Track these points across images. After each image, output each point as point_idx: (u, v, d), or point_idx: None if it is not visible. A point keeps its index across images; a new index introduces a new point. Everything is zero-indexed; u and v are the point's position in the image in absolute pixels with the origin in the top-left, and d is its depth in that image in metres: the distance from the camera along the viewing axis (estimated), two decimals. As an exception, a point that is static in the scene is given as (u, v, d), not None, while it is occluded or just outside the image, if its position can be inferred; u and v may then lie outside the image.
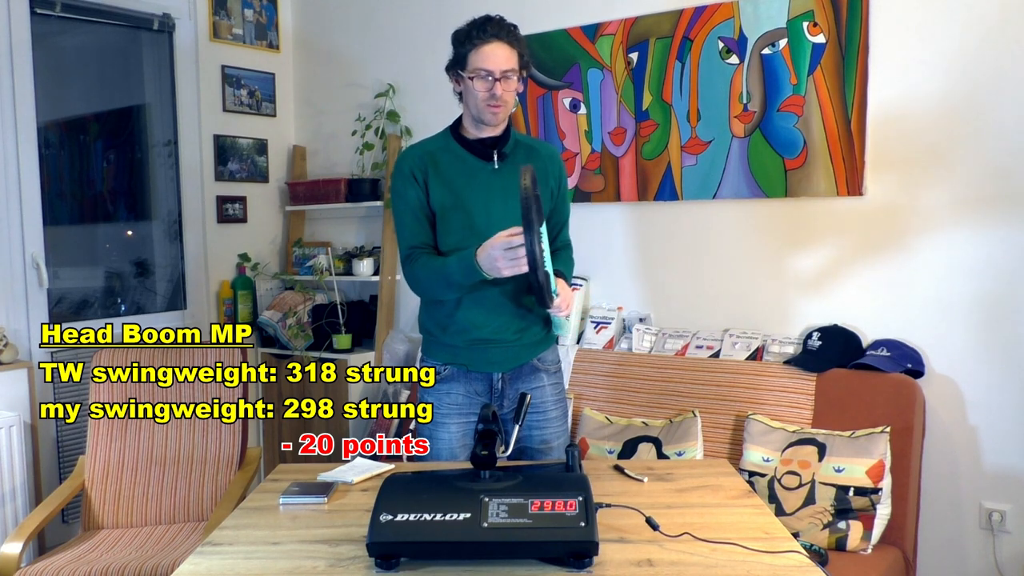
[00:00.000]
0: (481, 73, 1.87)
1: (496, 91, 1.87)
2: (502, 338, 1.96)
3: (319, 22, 3.95)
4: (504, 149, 1.97)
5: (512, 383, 2.01)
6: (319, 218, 4.01)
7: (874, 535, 2.23)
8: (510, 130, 2.00)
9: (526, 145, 2.04)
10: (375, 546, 1.31)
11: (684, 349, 2.84)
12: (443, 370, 2.00)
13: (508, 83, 1.89)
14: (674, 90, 2.90)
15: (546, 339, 2.06)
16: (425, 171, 1.94)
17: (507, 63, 1.88)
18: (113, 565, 2.17)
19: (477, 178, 1.95)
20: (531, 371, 2.03)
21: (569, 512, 1.31)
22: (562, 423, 2.09)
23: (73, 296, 3.37)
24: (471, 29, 1.89)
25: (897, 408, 2.38)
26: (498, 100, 1.88)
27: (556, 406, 2.07)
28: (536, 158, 2.02)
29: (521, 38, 1.93)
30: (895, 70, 2.52)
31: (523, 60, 1.93)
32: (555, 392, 2.07)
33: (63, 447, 3.15)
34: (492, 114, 1.90)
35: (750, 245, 2.82)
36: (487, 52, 1.87)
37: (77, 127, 3.40)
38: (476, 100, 1.89)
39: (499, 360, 1.98)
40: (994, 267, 2.42)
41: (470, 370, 1.99)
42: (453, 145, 1.98)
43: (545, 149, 2.07)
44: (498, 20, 1.90)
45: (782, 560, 1.33)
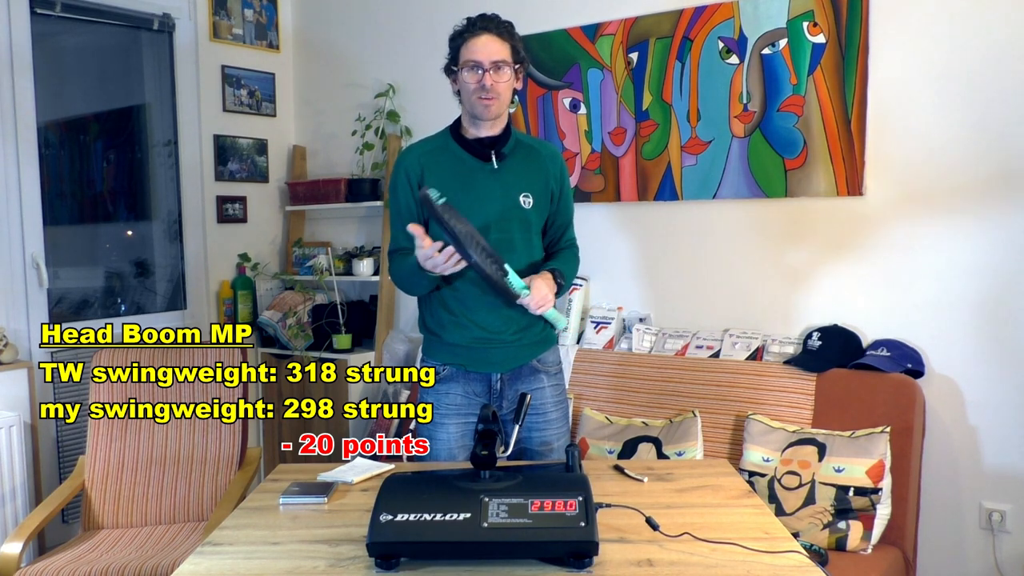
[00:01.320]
0: (470, 63, 1.88)
1: (486, 82, 1.87)
2: (502, 338, 1.96)
3: (319, 22, 3.95)
4: (504, 149, 1.97)
5: (511, 384, 2.00)
6: (319, 218, 4.01)
7: (874, 535, 2.23)
8: (510, 129, 2.00)
9: (526, 145, 2.03)
10: (375, 546, 1.31)
11: (684, 349, 2.84)
12: (442, 370, 2.00)
13: (499, 74, 1.89)
14: (674, 90, 2.90)
15: (546, 340, 2.06)
16: (420, 173, 1.94)
17: (497, 54, 1.88)
18: (113, 565, 2.17)
19: (475, 178, 1.95)
20: (531, 372, 2.02)
21: (569, 512, 1.31)
22: (563, 424, 2.08)
23: (73, 296, 3.37)
24: (463, 26, 1.92)
25: (897, 408, 2.38)
26: (488, 92, 1.87)
27: (556, 407, 2.06)
28: (536, 158, 2.01)
29: (514, 33, 1.94)
30: (895, 70, 2.52)
31: (517, 54, 1.93)
32: (555, 393, 2.06)
33: (63, 447, 3.15)
34: (484, 107, 1.90)
35: (750, 245, 2.83)
36: (477, 44, 1.88)
37: (77, 127, 3.40)
38: (468, 93, 1.90)
39: (498, 360, 1.98)
40: (994, 267, 2.42)
41: (469, 370, 1.99)
42: (452, 144, 1.98)
43: (546, 149, 2.07)
44: (490, 15, 1.91)
45: (782, 560, 1.33)
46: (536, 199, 1.99)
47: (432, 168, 1.95)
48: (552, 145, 2.19)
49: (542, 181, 2.00)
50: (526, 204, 1.97)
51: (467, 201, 1.92)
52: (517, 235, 1.96)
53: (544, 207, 2.02)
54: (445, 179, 1.93)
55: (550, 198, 2.03)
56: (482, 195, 1.93)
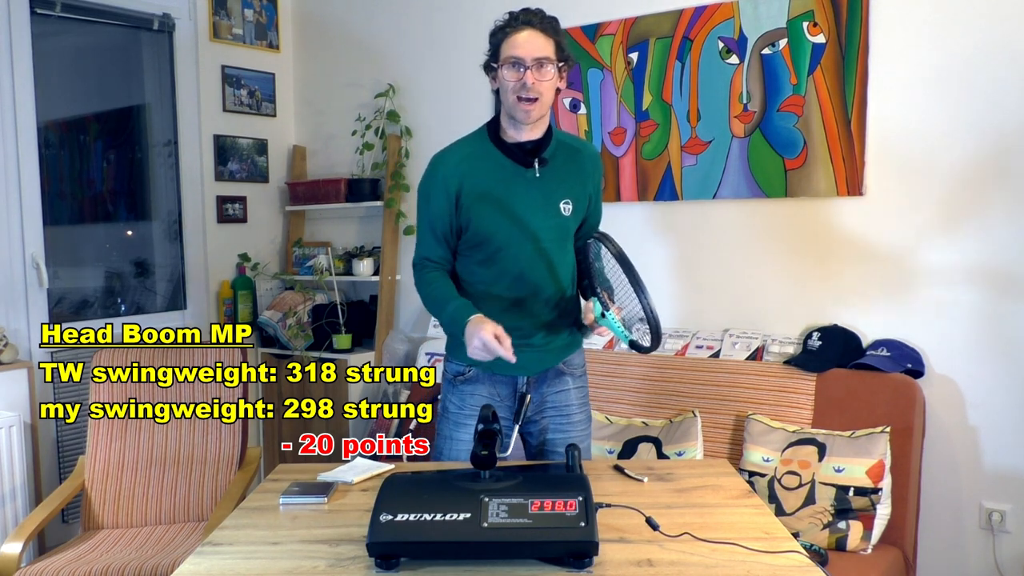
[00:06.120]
0: (511, 60, 1.78)
1: (527, 80, 1.76)
2: (530, 342, 1.90)
3: (319, 22, 3.95)
4: (545, 154, 1.87)
5: (537, 387, 1.96)
6: (319, 218, 4.01)
7: (874, 535, 2.23)
8: (552, 131, 1.90)
9: (569, 146, 1.94)
10: (375, 546, 1.31)
11: (684, 349, 2.84)
12: (468, 371, 1.95)
13: (542, 72, 1.78)
14: (674, 90, 2.90)
15: (573, 343, 2.01)
16: (460, 182, 1.84)
17: (540, 51, 1.78)
18: (113, 565, 2.17)
19: (517, 185, 1.86)
20: (556, 375, 1.98)
21: (569, 512, 1.31)
22: (586, 426, 2.04)
23: (73, 296, 3.37)
24: (506, 20, 1.82)
25: (897, 408, 2.38)
26: (530, 91, 1.77)
27: (580, 409, 2.02)
28: (577, 160, 1.94)
29: (559, 28, 1.84)
30: (895, 70, 2.52)
31: (562, 51, 1.82)
32: (579, 396, 2.03)
33: (63, 447, 3.15)
34: (524, 112, 1.79)
35: (750, 245, 2.82)
36: (519, 40, 1.78)
37: (77, 127, 3.40)
38: (507, 92, 1.80)
39: (526, 364, 1.88)
40: (994, 267, 2.42)
41: (495, 373, 1.94)
42: (491, 149, 1.87)
43: (587, 150, 1.99)
44: (534, 10, 1.82)
45: (782, 560, 1.33)
46: (575, 205, 1.92)
47: (472, 176, 1.85)
48: (592, 146, 2.11)
49: (581, 185, 1.93)
50: (566, 211, 1.90)
51: (511, 207, 1.85)
52: (557, 244, 1.91)
53: (581, 211, 1.95)
54: (487, 188, 1.85)
55: (588, 202, 1.97)
56: (525, 204, 1.85)
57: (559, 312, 1.95)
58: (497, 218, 1.85)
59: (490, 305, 1.88)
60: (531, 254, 1.88)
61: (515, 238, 1.86)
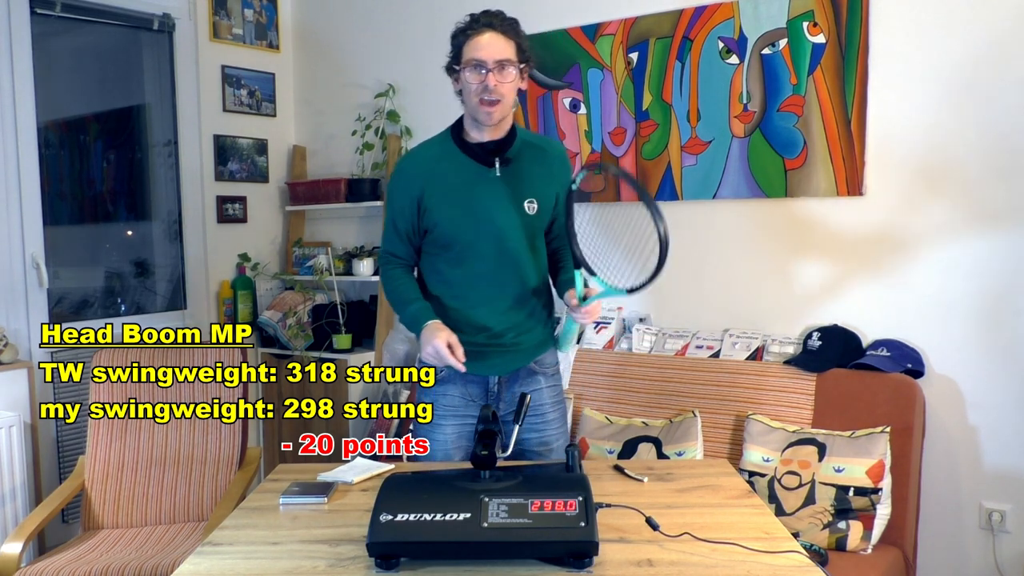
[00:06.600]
0: (473, 63, 1.80)
1: (489, 83, 1.79)
2: (501, 342, 1.94)
3: (319, 22, 3.95)
4: (508, 153, 1.90)
5: (509, 386, 1.99)
6: (319, 218, 4.01)
7: (874, 535, 2.23)
8: (515, 131, 1.93)
9: (534, 146, 1.96)
10: (375, 546, 1.31)
11: (684, 349, 2.84)
12: (441, 371, 1.98)
13: (503, 74, 1.81)
14: (674, 90, 2.90)
15: (544, 343, 2.03)
16: (423, 186, 1.89)
17: (501, 53, 1.80)
18: (113, 565, 2.17)
19: (479, 186, 1.89)
20: (528, 374, 2.01)
21: (569, 512, 1.31)
22: (561, 425, 2.07)
23: (73, 296, 3.37)
24: (467, 22, 1.85)
25: (897, 408, 2.38)
26: (491, 93, 1.80)
27: (554, 408, 2.04)
28: (543, 160, 1.96)
29: (520, 30, 1.86)
30: (895, 70, 2.52)
31: (522, 53, 1.85)
32: (553, 394, 2.05)
33: (63, 447, 3.15)
34: (487, 113, 1.82)
35: (750, 245, 2.82)
36: (480, 42, 1.80)
37: (77, 127, 3.40)
38: (470, 94, 1.83)
39: (496, 364, 1.96)
40: (994, 267, 2.42)
41: (466, 373, 1.95)
42: (453, 150, 1.91)
43: (554, 149, 2.01)
44: (494, 12, 1.84)
45: (782, 560, 1.33)
46: (541, 203, 1.93)
47: (434, 179, 1.89)
48: (559, 144, 2.12)
49: (547, 184, 1.95)
50: (531, 210, 1.91)
51: (473, 211, 1.87)
52: (524, 243, 1.92)
53: (548, 210, 1.97)
54: (448, 191, 1.88)
55: (555, 200, 1.98)
56: (487, 204, 1.88)
57: (528, 311, 1.96)
58: (461, 218, 1.88)
59: (459, 304, 1.92)
60: (497, 253, 1.89)
61: (480, 238, 1.88)
